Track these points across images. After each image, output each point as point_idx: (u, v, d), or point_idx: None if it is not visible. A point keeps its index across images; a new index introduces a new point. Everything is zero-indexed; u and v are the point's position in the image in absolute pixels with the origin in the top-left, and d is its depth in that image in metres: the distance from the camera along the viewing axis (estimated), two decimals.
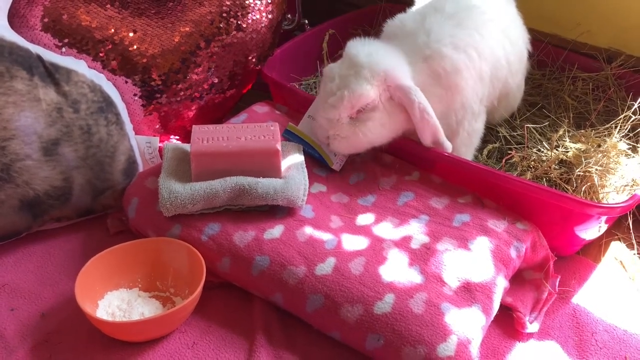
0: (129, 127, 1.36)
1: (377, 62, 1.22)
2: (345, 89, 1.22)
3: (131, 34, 1.36)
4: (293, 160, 1.30)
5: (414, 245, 1.17)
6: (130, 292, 1.17)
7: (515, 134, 1.51)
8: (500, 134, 1.51)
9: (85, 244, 1.29)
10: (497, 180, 1.26)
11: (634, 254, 1.33)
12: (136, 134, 1.39)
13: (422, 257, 1.15)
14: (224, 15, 1.43)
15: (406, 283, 1.10)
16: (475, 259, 1.15)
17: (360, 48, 1.25)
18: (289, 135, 1.40)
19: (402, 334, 1.03)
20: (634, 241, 1.33)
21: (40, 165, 1.22)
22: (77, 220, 1.32)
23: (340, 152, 1.31)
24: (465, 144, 1.39)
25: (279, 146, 1.24)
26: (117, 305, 1.13)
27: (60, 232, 1.32)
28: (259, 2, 1.48)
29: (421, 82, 1.28)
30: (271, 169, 1.24)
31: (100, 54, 1.34)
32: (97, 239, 1.29)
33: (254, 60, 1.54)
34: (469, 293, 1.10)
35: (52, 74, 1.25)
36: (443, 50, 1.29)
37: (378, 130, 1.27)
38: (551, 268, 1.24)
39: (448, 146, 1.30)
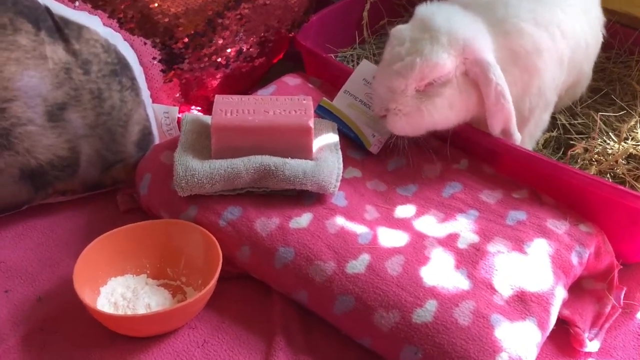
0: (145, 94, 1.33)
1: (456, 28, 1.12)
2: (418, 55, 1.11)
3: None
4: (326, 140, 1.24)
5: (461, 244, 1.10)
6: (137, 278, 1.12)
7: (576, 122, 1.43)
8: (559, 122, 1.43)
9: (92, 221, 1.25)
10: (558, 173, 1.18)
11: None
12: (153, 102, 1.36)
13: (470, 259, 1.08)
14: None
15: (451, 289, 1.02)
16: (532, 265, 1.07)
17: (436, 10, 1.16)
18: (322, 112, 1.34)
19: (445, 348, 0.96)
20: None
21: (43, 131, 1.18)
22: (83, 194, 1.29)
23: (397, 131, 1.19)
24: (531, 135, 1.31)
25: (311, 123, 1.18)
26: (122, 293, 1.07)
27: (65, 206, 1.28)
28: None
29: (498, 60, 1.17)
30: (301, 149, 1.19)
31: (117, 11, 1.30)
32: (105, 217, 1.26)
33: (287, 26, 1.51)
34: (524, 304, 1.02)
35: (61, 29, 1.21)
36: (524, 26, 1.21)
37: (446, 111, 1.16)
38: (616, 278, 1.16)
39: (518, 138, 1.21)
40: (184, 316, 1.04)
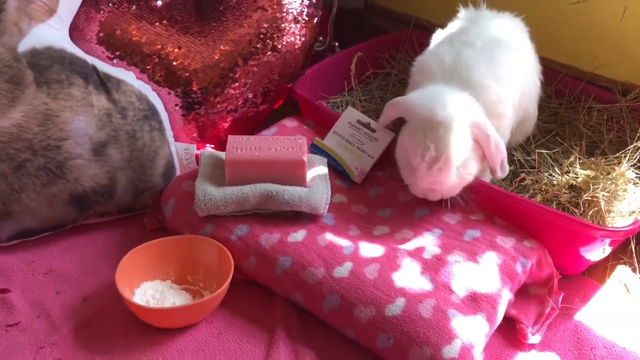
0: (169, 134, 1.45)
1: (455, 110, 1.22)
2: (447, 150, 1.20)
3: (176, 50, 1.46)
4: (318, 172, 1.38)
5: (426, 255, 1.23)
6: (163, 283, 1.25)
7: (529, 158, 1.56)
8: (515, 158, 1.57)
9: (124, 238, 1.37)
10: (508, 200, 1.32)
11: (639, 277, 1.37)
12: (175, 140, 1.47)
13: (433, 266, 1.21)
14: (261, 36, 1.53)
15: (417, 289, 1.16)
16: (483, 272, 1.21)
17: (428, 102, 1.24)
18: (314, 149, 1.48)
19: (410, 335, 1.09)
20: (636, 265, 1.38)
21: (89, 164, 1.31)
22: (117, 216, 1.41)
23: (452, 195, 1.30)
24: None
25: (305, 158, 1.31)
26: (152, 294, 1.21)
27: (102, 226, 1.40)
28: (293, 26, 1.57)
29: None
30: (297, 178, 1.32)
31: (148, 67, 1.44)
32: (135, 235, 1.37)
33: (286, 78, 1.63)
34: (475, 302, 1.16)
35: (104, 83, 1.35)
36: (486, 82, 1.34)
37: (478, 163, 1.28)
38: (555, 285, 1.28)
39: (506, 171, 1.33)
40: (202, 312, 1.18)
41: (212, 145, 1.58)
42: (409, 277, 1.19)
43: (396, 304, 1.13)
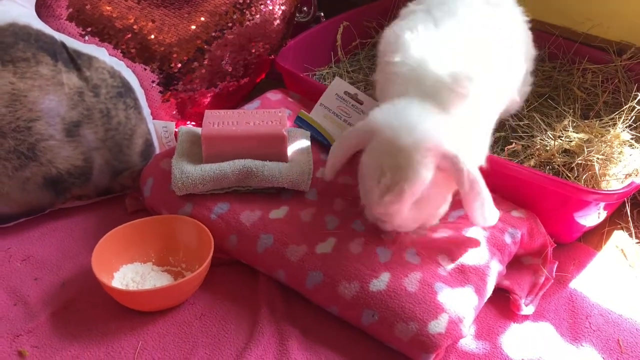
0: (146, 111, 1.42)
1: (422, 138, 1.04)
2: (402, 181, 1.04)
3: (150, 24, 1.42)
4: (299, 146, 1.35)
5: (412, 233, 1.20)
6: (144, 266, 1.23)
7: (521, 123, 1.53)
8: (507, 123, 1.53)
9: (104, 221, 1.35)
10: (498, 167, 1.27)
11: (636, 242, 1.35)
12: (154, 118, 1.46)
13: (418, 242, 1.18)
14: (238, 6, 1.49)
15: (402, 263, 1.14)
16: (470, 245, 1.18)
17: (394, 123, 1.06)
18: (300, 122, 1.44)
19: (396, 310, 1.07)
20: (632, 229, 1.35)
21: (62, 145, 1.29)
22: (97, 199, 1.39)
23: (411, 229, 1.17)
24: None
25: (285, 132, 1.28)
26: (131, 277, 1.19)
27: (81, 210, 1.38)
28: None
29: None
30: (278, 153, 1.29)
31: (120, 43, 1.41)
32: (115, 217, 1.35)
33: (267, 50, 1.59)
34: (463, 274, 1.14)
35: (74, 60, 1.32)
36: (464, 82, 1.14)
37: (440, 199, 1.14)
38: (549, 254, 1.26)
39: (496, 217, 1.14)
40: (183, 292, 1.15)
41: (193, 123, 1.56)
42: (394, 251, 1.16)
43: (380, 278, 1.11)
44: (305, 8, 1.85)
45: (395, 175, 1.04)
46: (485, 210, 1.11)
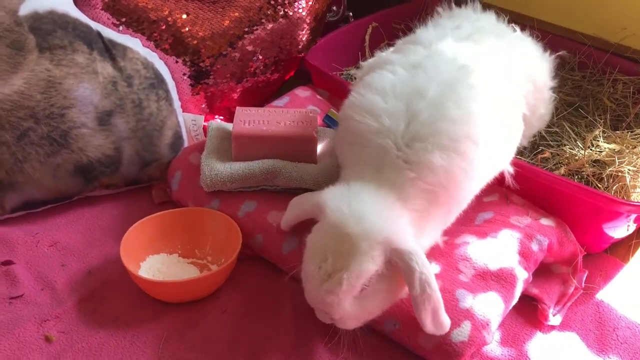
0: (177, 104, 1.43)
1: (372, 228, 0.96)
2: (343, 271, 0.95)
3: (184, 16, 1.42)
4: (328, 146, 1.34)
5: None
6: (170, 257, 1.23)
7: (550, 130, 1.52)
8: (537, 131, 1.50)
9: (130, 211, 1.36)
10: (529, 174, 1.27)
11: None
12: (183, 111, 1.46)
13: (438, 250, 1.17)
14: (272, 2, 1.49)
15: None
16: (494, 250, 1.17)
17: (344, 209, 0.98)
18: (328, 121, 1.44)
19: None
20: None
21: (94, 133, 1.30)
22: (124, 189, 1.40)
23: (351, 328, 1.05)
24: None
25: (315, 134, 1.28)
26: (158, 268, 1.19)
27: (109, 199, 1.39)
28: None
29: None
30: (307, 155, 1.29)
31: (154, 34, 1.41)
32: (141, 208, 1.36)
33: (297, 47, 1.59)
34: (485, 282, 1.13)
35: (109, 50, 1.33)
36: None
37: (386, 300, 1.03)
38: (580, 263, 1.25)
39: (447, 325, 1.02)
40: (207, 286, 1.15)
41: (222, 117, 1.57)
42: None
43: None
44: (334, 7, 1.84)
45: (337, 262, 0.96)
46: (436, 317, 1.00)
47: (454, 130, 1.04)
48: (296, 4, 1.52)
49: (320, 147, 1.33)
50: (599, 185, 1.34)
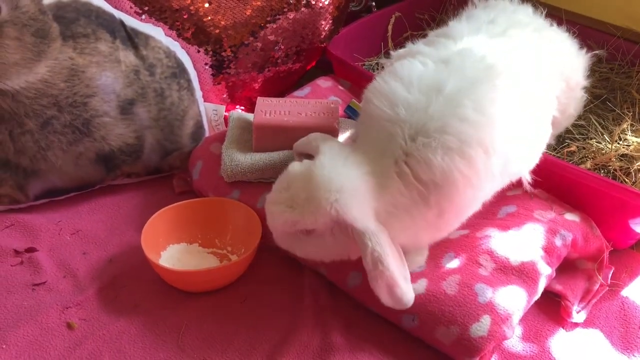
0: (198, 94, 1.43)
1: (332, 198, 0.96)
2: (287, 209, 0.99)
3: (206, 5, 1.42)
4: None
5: (452, 235, 1.16)
6: (190, 246, 1.24)
7: (577, 123, 1.48)
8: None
9: (151, 200, 1.37)
10: (554, 168, 1.25)
11: None
12: (204, 101, 1.46)
13: (458, 244, 1.16)
14: None
15: (438, 268, 1.12)
16: (517, 244, 1.15)
17: (326, 169, 0.98)
18: (350, 112, 1.42)
19: (436, 314, 1.06)
20: None
21: (116, 122, 1.30)
22: (145, 178, 1.40)
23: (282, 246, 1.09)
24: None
25: (337, 125, 1.27)
26: (178, 257, 1.20)
27: (130, 187, 1.40)
28: None
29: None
30: None
31: (176, 23, 1.41)
32: (163, 197, 1.36)
33: (319, 37, 1.58)
34: (505, 275, 1.11)
35: (132, 39, 1.33)
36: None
37: (322, 254, 1.06)
38: (606, 259, 1.23)
39: (408, 300, 0.99)
40: (227, 276, 1.16)
41: (242, 107, 1.57)
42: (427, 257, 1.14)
43: (419, 283, 1.09)
44: None
45: (289, 199, 0.98)
46: (392, 293, 0.98)
47: (465, 132, 0.98)
48: None
49: (341, 138, 1.32)
50: (626, 179, 1.31)
